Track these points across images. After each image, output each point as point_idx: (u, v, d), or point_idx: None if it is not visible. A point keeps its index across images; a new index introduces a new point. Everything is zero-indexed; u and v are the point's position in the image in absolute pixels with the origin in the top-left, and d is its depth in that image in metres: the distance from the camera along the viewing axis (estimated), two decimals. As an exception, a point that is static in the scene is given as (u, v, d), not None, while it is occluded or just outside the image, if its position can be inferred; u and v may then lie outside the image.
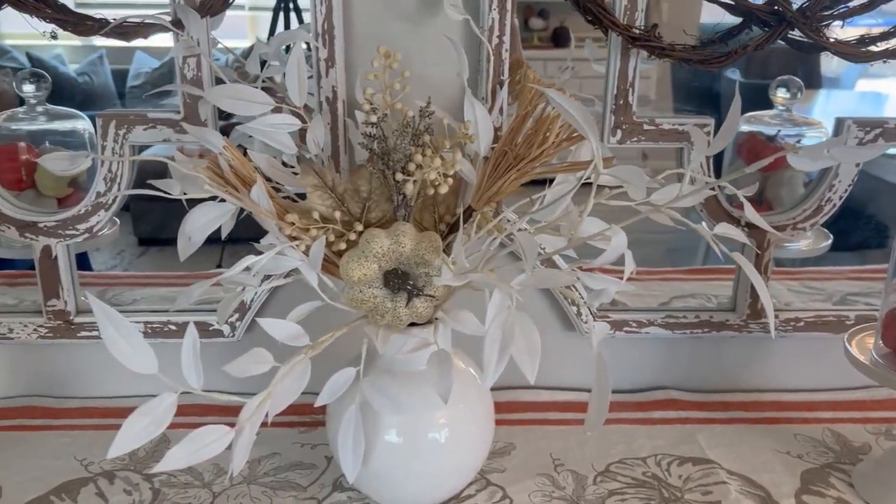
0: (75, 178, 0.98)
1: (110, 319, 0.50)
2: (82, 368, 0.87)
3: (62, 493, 0.71)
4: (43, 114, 0.95)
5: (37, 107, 0.95)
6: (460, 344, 0.69)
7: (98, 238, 0.97)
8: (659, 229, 0.62)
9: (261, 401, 0.55)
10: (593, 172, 0.55)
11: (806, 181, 0.93)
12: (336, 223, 0.63)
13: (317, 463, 0.76)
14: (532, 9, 0.98)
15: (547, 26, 0.98)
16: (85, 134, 1.02)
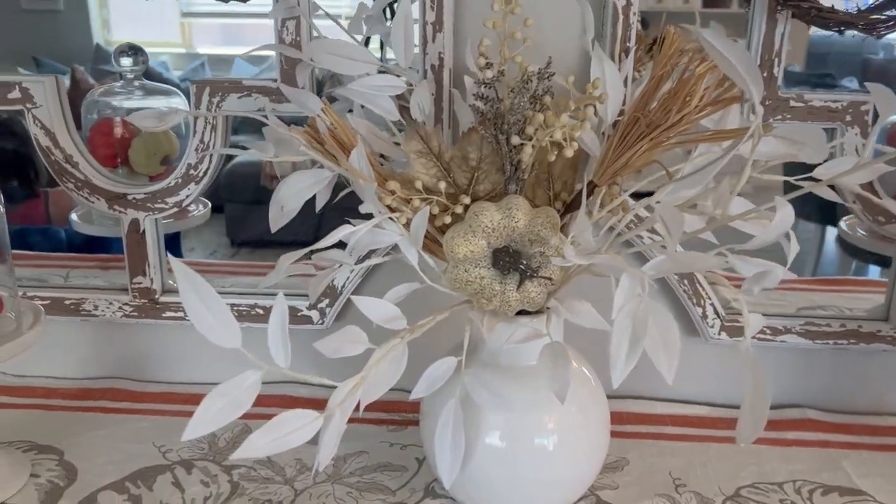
0: (168, 156, 0.95)
1: (193, 286, 0.44)
2: (166, 351, 0.83)
3: (138, 480, 0.67)
4: (139, 88, 0.93)
5: (133, 81, 0.93)
6: (569, 342, 0.61)
7: (188, 217, 0.95)
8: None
9: (353, 385, 0.49)
10: (752, 137, 0.46)
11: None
12: (440, 195, 0.56)
13: (407, 465, 0.69)
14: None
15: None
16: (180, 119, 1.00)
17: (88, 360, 0.84)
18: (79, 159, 0.75)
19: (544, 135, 0.50)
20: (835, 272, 1.08)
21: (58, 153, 0.75)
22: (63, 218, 1.18)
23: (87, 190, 0.76)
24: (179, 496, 0.65)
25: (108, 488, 0.66)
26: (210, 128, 0.73)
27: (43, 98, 0.73)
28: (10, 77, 0.73)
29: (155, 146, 0.94)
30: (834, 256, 1.13)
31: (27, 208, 1.17)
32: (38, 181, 1.23)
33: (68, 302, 0.79)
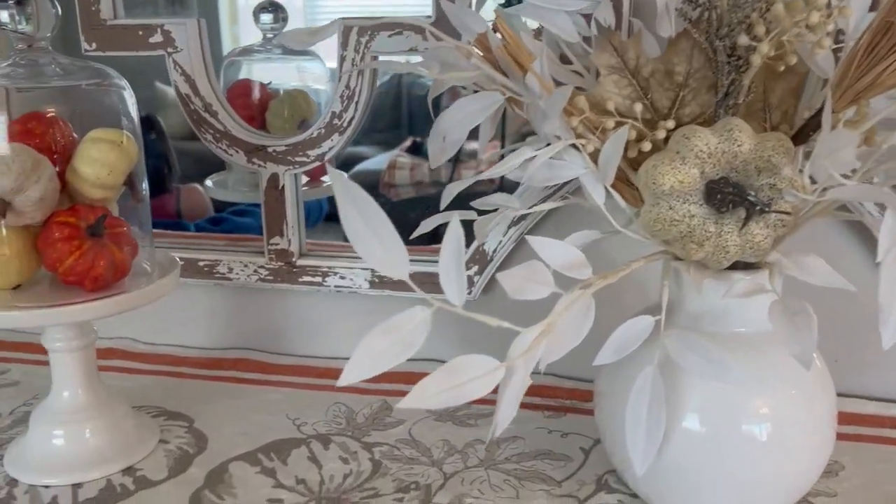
0: (305, 119, 0.90)
1: (354, 202, 0.36)
2: (299, 322, 0.77)
3: (271, 452, 0.60)
4: (277, 47, 0.89)
5: (272, 40, 0.88)
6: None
7: (322, 186, 0.89)
8: None
9: (540, 332, 0.39)
10: None
11: None
12: (636, 119, 0.46)
13: (571, 455, 0.60)
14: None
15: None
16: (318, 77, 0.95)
17: (219, 330, 0.79)
18: (218, 108, 0.71)
19: (790, 25, 0.39)
20: None
21: (197, 101, 0.70)
22: (193, 215, 1.17)
23: (226, 142, 0.71)
24: (316, 471, 0.58)
25: (240, 459, 0.59)
26: (357, 72, 0.66)
27: (184, 42, 0.69)
28: (152, 20, 0.69)
29: (293, 109, 0.89)
30: None
31: (159, 204, 1.16)
32: (171, 177, 1.22)
33: (202, 263, 0.75)
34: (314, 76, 0.94)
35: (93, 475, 0.57)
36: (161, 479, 0.57)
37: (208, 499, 0.54)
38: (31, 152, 0.51)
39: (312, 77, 0.94)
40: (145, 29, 0.69)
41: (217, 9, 1.86)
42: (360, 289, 0.72)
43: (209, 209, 1.14)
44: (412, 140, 2.25)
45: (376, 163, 1.79)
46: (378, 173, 1.98)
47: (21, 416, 0.66)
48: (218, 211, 1.09)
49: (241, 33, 2.52)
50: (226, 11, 2.70)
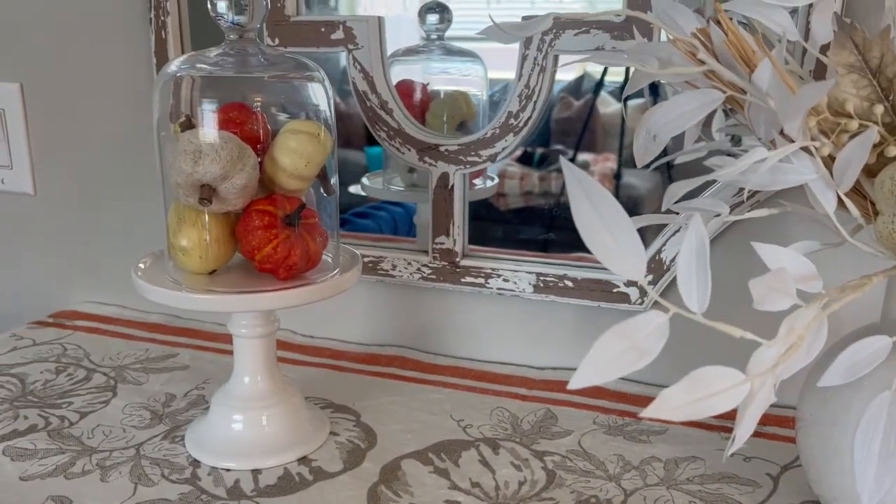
0: (465, 121, 0.90)
1: (587, 192, 0.35)
2: (459, 323, 0.76)
3: (441, 453, 0.59)
4: (440, 48, 0.88)
5: (435, 41, 0.88)
6: None
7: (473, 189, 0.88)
8: None
9: (789, 347, 0.36)
10: None
11: None
12: (877, 122, 0.43)
13: (759, 481, 0.56)
14: None
15: None
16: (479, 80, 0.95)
17: (377, 326, 0.79)
18: (393, 106, 0.71)
19: None
20: None
21: (374, 98, 0.71)
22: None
23: (400, 139, 0.71)
24: (490, 476, 0.56)
25: (411, 457, 0.59)
26: (538, 70, 0.65)
27: (365, 39, 0.69)
28: (335, 16, 0.70)
29: (453, 110, 0.88)
30: None
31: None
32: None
33: (367, 259, 0.75)
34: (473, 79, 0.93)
35: (270, 462, 0.57)
36: (337, 472, 0.57)
37: (385, 495, 0.54)
38: (237, 141, 0.52)
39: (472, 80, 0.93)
40: (328, 25, 0.70)
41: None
42: (524, 293, 0.71)
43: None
44: (523, 150, 2.23)
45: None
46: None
47: (195, 399, 0.68)
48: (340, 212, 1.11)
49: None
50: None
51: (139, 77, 0.80)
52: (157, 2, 0.74)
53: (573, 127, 1.25)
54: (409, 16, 0.89)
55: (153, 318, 0.85)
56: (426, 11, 0.88)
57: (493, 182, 0.94)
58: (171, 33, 0.75)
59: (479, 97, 0.91)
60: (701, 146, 0.57)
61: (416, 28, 0.88)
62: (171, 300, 0.54)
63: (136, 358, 0.76)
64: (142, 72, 0.79)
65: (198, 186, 0.51)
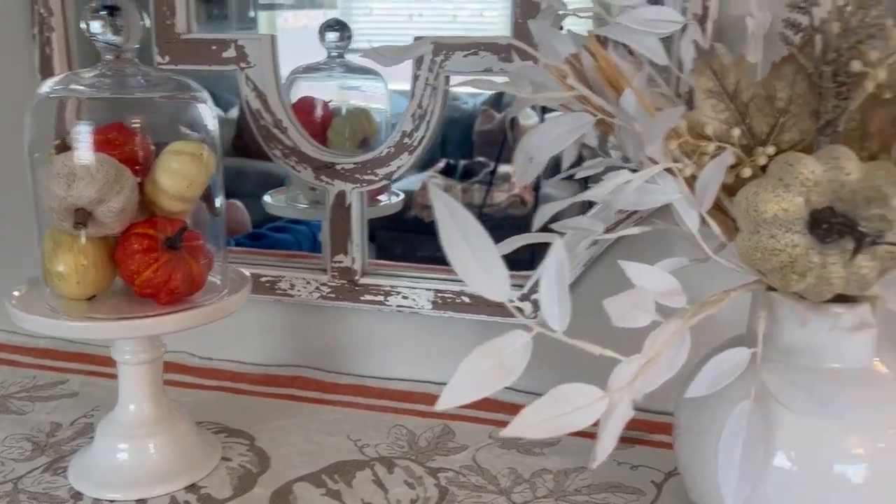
0: (367, 139, 0.90)
1: (455, 218, 0.35)
2: (360, 341, 0.76)
3: (335, 475, 0.59)
4: (341, 66, 0.89)
5: (336, 59, 0.89)
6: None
7: (378, 205, 0.88)
8: None
9: (645, 361, 0.38)
10: None
11: None
12: (734, 145, 0.45)
13: (643, 488, 0.58)
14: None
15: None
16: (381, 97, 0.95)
17: (277, 346, 0.78)
18: (288, 125, 0.71)
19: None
20: None
21: (267, 117, 0.70)
22: (232, 230, 1.17)
23: (295, 158, 0.71)
24: (383, 496, 0.56)
25: (304, 480, 0.58)
26: (430, 90, 0.66)
27: (258, 57, 0.69)
28: (227, 35, 0.69)
29: (355, 127, 0.89)
30: None
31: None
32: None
33: (264, 279, 0.74)
34: (375, 96, 0.94)
35: (156, 491, 0.56)
36: (226, 498, 0.56)
37: (275, 520, 0.53)
38: (114, 163, 0.51)
39: (374, 97, 0.94)
40: (219, 44, 0.69)
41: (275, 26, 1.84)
42: (423, 309, 0.71)
43: (248, 225, 1.14)
44: (445, 162, 2.23)
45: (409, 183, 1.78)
46: (411, 194, 1.97)
47: (82, 427, 0.66)
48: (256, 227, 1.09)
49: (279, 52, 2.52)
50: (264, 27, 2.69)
51: (23, 97, 0.77)
52: (41, 17, 0.72)
53: (495, 139, 1.27)
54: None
55: (42, 343, 0.82)
56: (326, 29, 0.88)
57: (399, 198, 0.95)
58: (56, 51, 0.72)
59: (383, 113, 0.92)
60: (598, 161, 0.58)
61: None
62: (47, 328, 0.52)
63: (22, 386, 0.73)
64: (27, 91, 0.76)
65: (72, 210, 0.50)
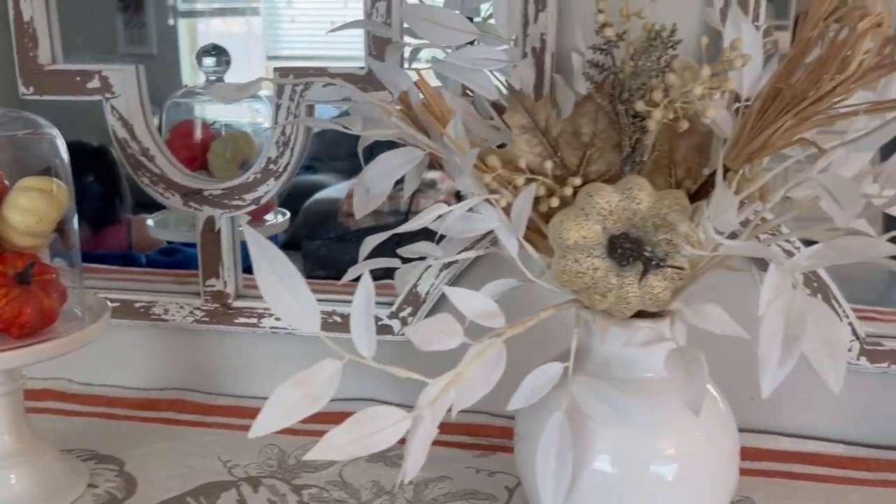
0: (247, 161, 0.92)
1: (268, 258, 0.38)
2: (236, 362, 0.78)
3: (200, 496, 0.61)
4: (221, 90, 0.90)
5: (216, 82, 0.90)
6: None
7: (264, 225, 0.90)
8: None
9: (447, 382, 0.41)
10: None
11: None
12: (546, 176, 0.49)
13: (496, 494, 0.61)
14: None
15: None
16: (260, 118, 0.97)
17: (155, 370, 0.79)
18: (155, 153, 0.72)
19: (680, 95, 0.42)
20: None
21: (134, 146, 0.71)
22: (144, 245, 1.17)
23: (163, 185, 0.72)
24: (244, 515, 0.58)
25: (169, 503, 0.60)
26: (292, 118, 0.68)
27: (122, 88, 0.70)
28: (90, 66, 0.70)
29: (234, 150, 0.90)
30: None
31: (110, 235, 1.16)
32: (123, 208, 1.22)
33: (138, 305, 0.75)
34: (261, 115, 0.96)
35: (18, 522, 0.57)
36: (87, 525, 0.57)
37: (133, 544, 0.55)
38: (-41, 201, 0.52)
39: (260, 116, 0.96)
40: (83, 75, 0.70)
41: (177, 45, 1.84)
42: (296, 330, 0.73)
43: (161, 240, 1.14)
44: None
45: (336, 191, 1.79)
46: (337, 202, 1.98)
47: (-53, 460, 0.65)
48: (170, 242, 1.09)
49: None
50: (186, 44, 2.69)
51: None
52: None
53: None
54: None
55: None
56: (203, 55, 0.90)
57: (285, 217, 0.97)
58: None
59: (266, 134, 0.93)
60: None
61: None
62: None
63: None
64: None
65: (-84, 249, 0.50)
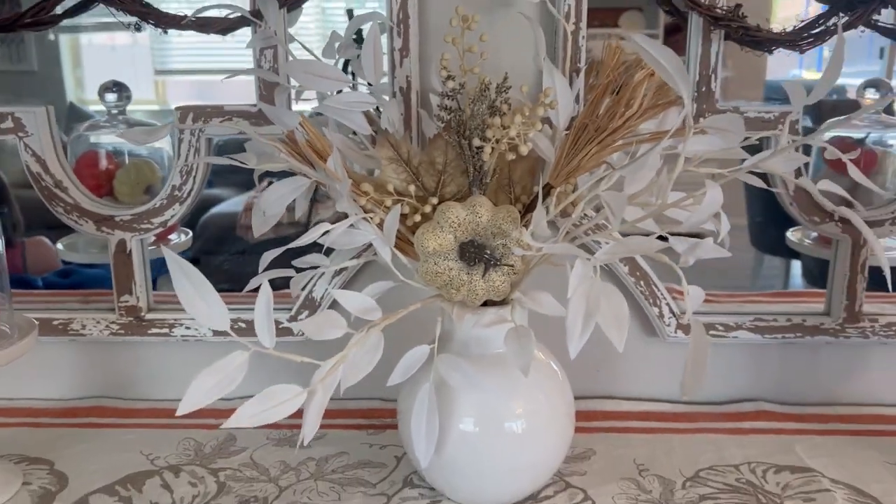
0: (151, 186, 1.00)
1: (185, 273, 0.49)
2: (152, 370, 0.86)
3: (127, 484, 0.70)
4: (123, 123, 0.98)
5: (118, 116, 0.98)
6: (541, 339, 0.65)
7: (169, 244, 0.99)
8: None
9: (334, 363, 0.53)
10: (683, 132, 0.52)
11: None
12: (410, 197, 0.61)
13: (386, 462, 0.73)
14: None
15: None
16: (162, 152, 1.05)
17: (75, 382, 0.87)
18: (68, 185, 0.80)
19: (502, 135, 0.55)
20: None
21: (48, 179, 0.79)
22: (40, 268, 1.21)
23: (77, 213, 0.80)
24: (169, 496, 0.68)
25: (99, 492, 0.68)
26: (193, 151, 0.78)
27: (34, 127, 0.78)
28: (5, 108, 0.77)
29: (138, 177, 0.98)
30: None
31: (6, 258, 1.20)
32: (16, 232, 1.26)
33: (56, 322, 0.83)
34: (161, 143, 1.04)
35: (-40, 519, 0.64)
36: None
37: (71, 527, 0.63)
38: None
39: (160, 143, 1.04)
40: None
41: (59, 58, 1.90)
42: (205, 337, 0.83)
43: (57, 261, 1.19)
44: (268, 181, 2.29)
45: (233, 204, 1.85)
46: (235, 215, 2.01)
47: None
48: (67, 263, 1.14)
49: (85, 75, 2.47)
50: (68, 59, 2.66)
51: None
52: None
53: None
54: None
55: None
56: (104, 91, 0.97)
57: (188, 236, 1.05)
58: None
59: (164, 163, 1.02)
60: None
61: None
62: None
63: None
64: None
65: None
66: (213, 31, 0.74)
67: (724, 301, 0.87)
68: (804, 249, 0.95)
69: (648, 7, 1.90)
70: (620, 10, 2.03)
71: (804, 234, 0.98)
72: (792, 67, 1.98)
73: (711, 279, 0.99)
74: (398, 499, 0.67)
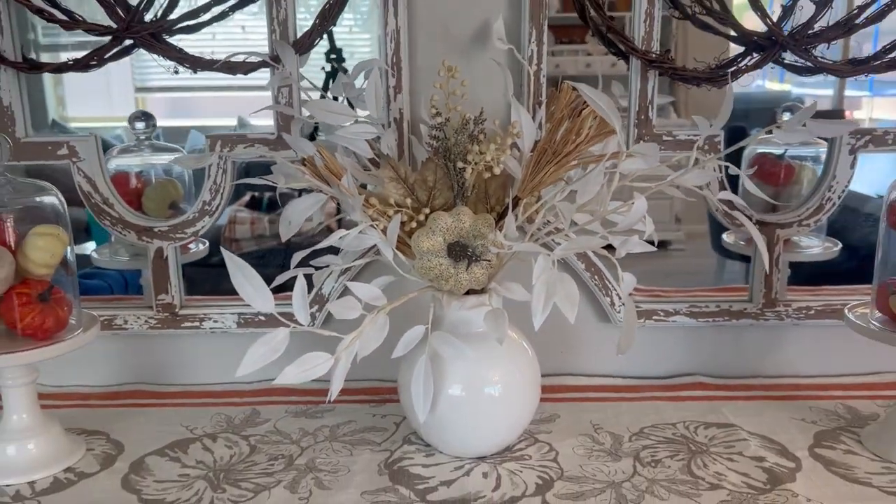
0: (175, 202, 1.14)
1: (238, 267, 0.64)
2: (184, 359, 1.01)
3: (175, 448, 0.84)
4: (148, 147, 1.13)
5: (144, 142, 1.12)
6: (514, 325, 0.81)
7: (188, 253, 1.13)
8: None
9: (354, 336, 0.68)
10: (618, 156, 0.68)
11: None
12: (407, 208, 0.77)
13: (388, 427, 0.88)
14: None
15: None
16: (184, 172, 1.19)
17: (115, 371, 1.01)
18: (114, 202, 0.94)
19: (480, 159, 0.71)
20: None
21: (97, 197, 0.94)
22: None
23: (121, 225, 0.95)
24: (210, 456, 0.82)
25: (153, 454, 0.83)
26: (221, 171, 0.93)
27: (86, 153, 0.92)
28: (60, 137, 0.92)
29: (164, 194, 1.13)
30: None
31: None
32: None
33: (102, 318, 0.96)
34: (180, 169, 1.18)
35: (40, 475, 0.78)
36: (95, 472, 0.79)
37: (135, 480, 0.78)
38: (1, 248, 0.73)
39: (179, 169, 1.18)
40: (54, 144, 0.92)
41: (41, 77, 2.00)
42: (230, 329, 0.98)
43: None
44: (251, 195, 2.36)
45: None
46: (219, 228, 2.11)
47: (-35, 445, 0.85)
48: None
49: (66, 93, 2.56)
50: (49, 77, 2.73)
51: None
52: None
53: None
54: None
55: None
56: (134, 120, 1.12)
57: (205, 245, 1.19)
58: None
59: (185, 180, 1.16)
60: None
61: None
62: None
63: None
64: None
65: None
66: (239, 73, 0.89)
67: (672, 295, 1.04)
68: (738, 249, 1.11)
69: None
70: (587, 29, 2.21)
71: (737, 237, 1.14)
72: (757, 78, 2.21)
73: (681, 280, 1.16)
74: (400, 453, 0.82)
